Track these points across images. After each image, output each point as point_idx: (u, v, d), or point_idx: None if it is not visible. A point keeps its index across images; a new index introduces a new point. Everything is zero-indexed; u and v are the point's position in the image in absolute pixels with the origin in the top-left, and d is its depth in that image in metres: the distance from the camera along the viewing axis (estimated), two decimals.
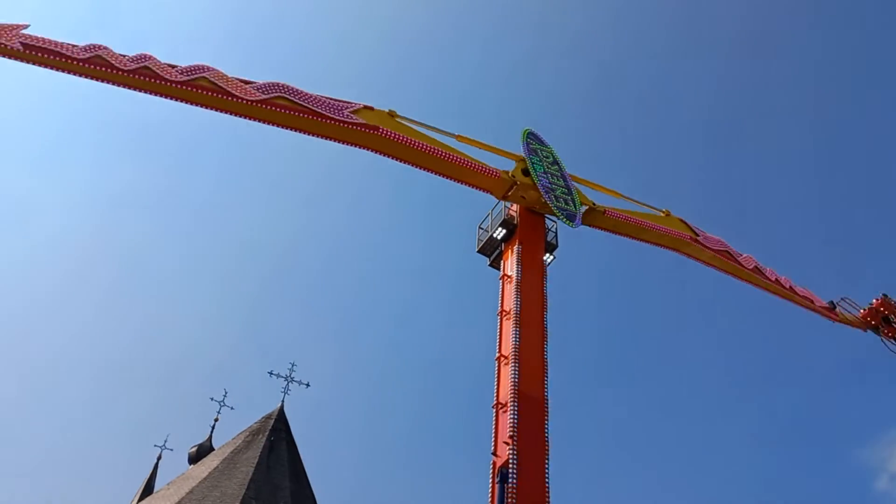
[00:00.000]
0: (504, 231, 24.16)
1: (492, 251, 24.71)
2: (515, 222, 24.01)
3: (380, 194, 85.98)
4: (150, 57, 19.10)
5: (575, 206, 24.32)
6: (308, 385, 35.21)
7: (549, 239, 24.34)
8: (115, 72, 18.60)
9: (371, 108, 22.24)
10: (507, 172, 23.89)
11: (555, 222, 24.67)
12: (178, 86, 19.26)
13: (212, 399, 37.06)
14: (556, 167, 25.04)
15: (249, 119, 20.36)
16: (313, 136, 21.52)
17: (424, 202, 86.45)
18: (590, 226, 25.43)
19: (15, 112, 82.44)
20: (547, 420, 19.54)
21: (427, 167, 22.99)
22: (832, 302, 29.60)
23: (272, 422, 33.40)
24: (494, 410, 19.77)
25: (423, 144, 22.58)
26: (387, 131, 22.07)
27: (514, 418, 18.85)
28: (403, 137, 22.36)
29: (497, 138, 24.73)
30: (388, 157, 22.53)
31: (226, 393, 37.04)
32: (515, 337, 20.79)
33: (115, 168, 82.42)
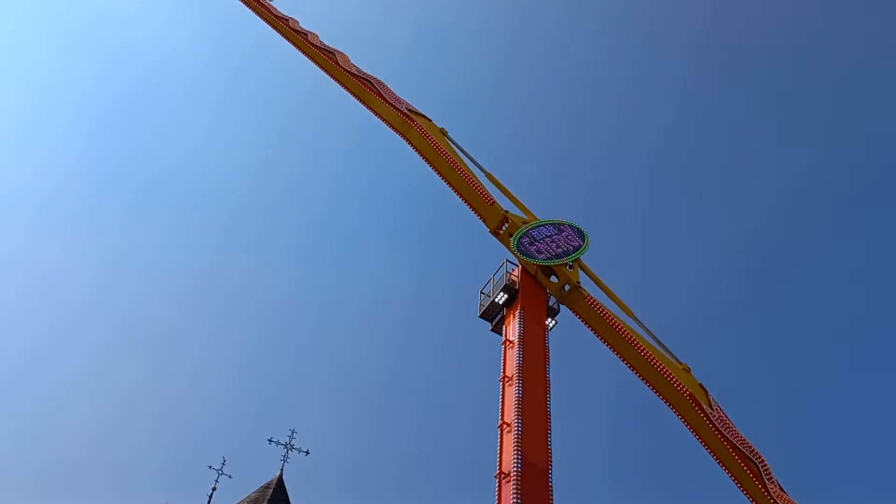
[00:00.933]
0: (506, 296, 24.04)
1: (493, 316, 24.55)
2: (517, 287, 23.91)
3: (377, 255, 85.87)
4: (311, 34, 32.50)
5: (549, 259, 23.33)
6: (308, 453, 34.41)
7: (551, 304, 24.20)
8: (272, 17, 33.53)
9: (429, 119, 27.27)
10: (502, 207, 24.64)
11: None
12: (315, 49, 31.17)
13: (210, 467, 36.17)
14: (574, 248, 23.76)
15: (339, 83, 29.89)
16: (372, 111, 28.29)
17: (424, 266, 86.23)
18: (568, 307, 23.45)
19: (14, 167, 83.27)
20: (551, 491, 19.10)
21: (439, 170, 25.89)
22: None
23: (271, 491, 32.63)
24: (497, 480, 19.33)
25: (444, 151, 25.81)
26: (421, 127, 26.42)
27: (517, 489, 18.44)
28: (433, 139, 26.05)
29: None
30: (415, 150, 26.59)
31: (224, 460, 36.10)
32: (518, 404, 20.50)
33: (112, 226, 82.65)
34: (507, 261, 24.76)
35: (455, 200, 25.04)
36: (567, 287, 23.57)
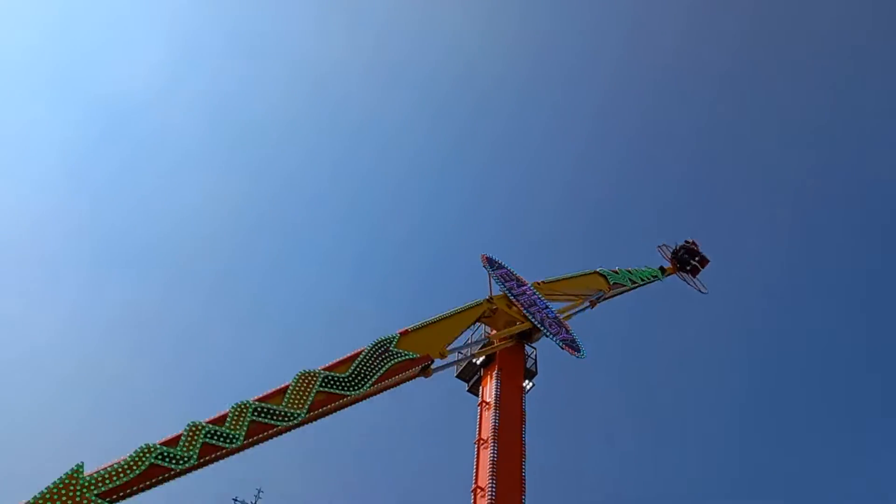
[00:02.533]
0: (483, 356, 23.77)
1: (470, 376, 24.26)
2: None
3: (356, 315, 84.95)
4: None
5: (565, 326, 24.13)
6: None
7: (528, 366, 23.96)
8: None
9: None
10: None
11: (534, 349, 24.39)
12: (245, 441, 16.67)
13: None
14: (545, 326, 23.75)
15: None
16: None
17: (402, 325, 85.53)
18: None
19: (11, 233, 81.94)
20: None
21: None
22: (662, 267, 32.70)
23: None
24: None
25: None
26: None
27: None
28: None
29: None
30: None
31: None
32: (493, 467, 20.09)
33: (109, 290, 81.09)
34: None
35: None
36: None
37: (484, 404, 22.41)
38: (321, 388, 17.80)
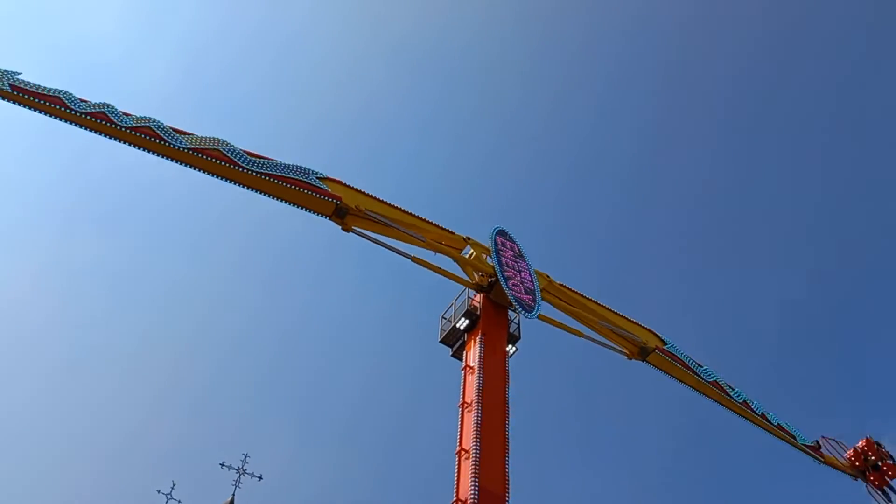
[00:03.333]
0: (467, 321, 24.00)
1: (454, 341, 24.50)
2: (478, 313, 23.90)
3: (341, 279, 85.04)
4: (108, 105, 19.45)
5: (535, 297, 23.65)
6: (261, 478, 33.60)
7: (511, 330, 24.25)
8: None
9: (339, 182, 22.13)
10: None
11: (517, 314, 24.62)
12: (129, 130, 19.35)
13: (158, 491, 35.10)
14: (517, 292, 23.35)
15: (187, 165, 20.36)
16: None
17: (387, 290, 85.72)
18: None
19: None
20: None
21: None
22: (817, 441, 27.66)
23: None
24: None
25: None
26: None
27: None
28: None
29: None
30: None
31: (174, 485, 35.11)
32: (477, 430, 20.42)
33: (81, 243, 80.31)
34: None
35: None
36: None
37: (468, 368, 22.69)
38: (222, 148, 20.07)
